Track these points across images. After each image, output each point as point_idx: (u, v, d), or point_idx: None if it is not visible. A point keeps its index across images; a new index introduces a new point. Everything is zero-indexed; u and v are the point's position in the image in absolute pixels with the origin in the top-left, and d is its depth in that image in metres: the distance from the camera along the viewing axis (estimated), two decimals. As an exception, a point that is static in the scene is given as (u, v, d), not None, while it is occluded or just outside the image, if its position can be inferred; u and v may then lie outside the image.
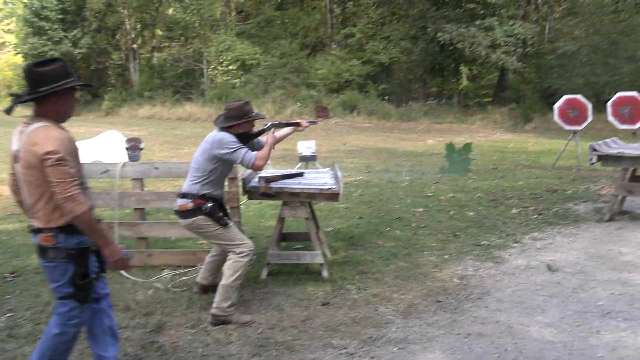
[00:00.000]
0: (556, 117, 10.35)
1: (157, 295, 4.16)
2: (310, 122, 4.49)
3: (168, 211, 6.52)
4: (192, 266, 4.70)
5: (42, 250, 2.59)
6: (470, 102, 30.32)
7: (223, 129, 3.81)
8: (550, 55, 26.66)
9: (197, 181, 3.75)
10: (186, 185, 3.80)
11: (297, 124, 4.37)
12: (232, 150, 3.70)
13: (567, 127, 10.28)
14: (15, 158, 2.57)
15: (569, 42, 24.35)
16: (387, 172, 10.48)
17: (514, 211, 6.91)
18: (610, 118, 9.82)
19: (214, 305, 3.64)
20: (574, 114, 10.02)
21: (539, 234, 5.84)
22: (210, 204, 3.72)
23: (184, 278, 4.50)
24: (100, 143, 11.05)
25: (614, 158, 6.06)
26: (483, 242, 5.52)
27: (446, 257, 5.08)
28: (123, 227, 4.79)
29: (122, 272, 4.34)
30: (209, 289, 4.04)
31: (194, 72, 29.87)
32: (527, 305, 3.93)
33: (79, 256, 2.60)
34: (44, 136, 2.46)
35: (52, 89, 2.49)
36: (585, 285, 4.25)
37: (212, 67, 28.59)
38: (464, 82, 32.21)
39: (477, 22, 24.00)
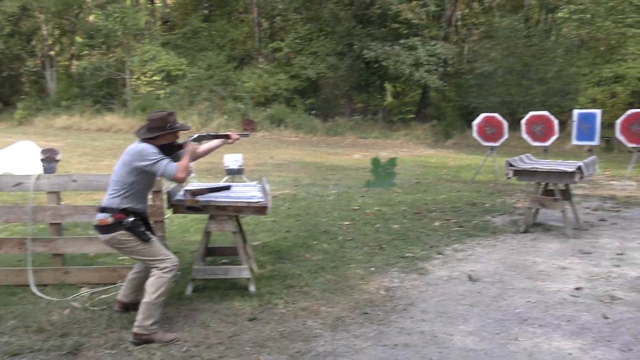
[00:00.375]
0: (475, 133, 10.82)
1: (74, 314, 3.93)
2: (240, 134, 4.43)
3: (86, 226, 6.23)
4: (112, 283, 4.49)
5: None
6: (394, 118, 31.19)
7: (145, 140, 3.66)
8: (468, 75, 27.96)
9: (117, 195, 3.59)
10: (106, 199, 3.64)
11: (227, 137, 4.30)
12: (153, 161, 3.56)
13: (485, 144, 10.77)
14: None
15: (486, 63, 25.64)
16: (314, 185, 10.54)
17: (436, 224, 7.12)
18: (524, 135, 10.39)
19: (136, 323, 3.48)
20: (491, 131, 10.52)
21: (460, 245, 6.04)
22: (131, 219, 3.58)
23: (104, 296, 4.29)
24: (13, 154, 10.42)
25: (528, 173, 6.40)
26: (408, 254, 5.64)
27: (372, 269, 5.15)
28: (37, 243, 4.52)
29: (35, 290, 4.08)
30: (131, 307, 3.86)
31: (116, 81, 28.89)
32: (450, 314, 4.03)
33: None
34: None
35: None
36: (504, 294, 4.43)
37: (135, 77, 27.74)
38: (389, 98, 33.10)
39: (401, 41, 24.80)
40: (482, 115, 10.70)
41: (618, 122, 9.42)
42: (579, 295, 4.34)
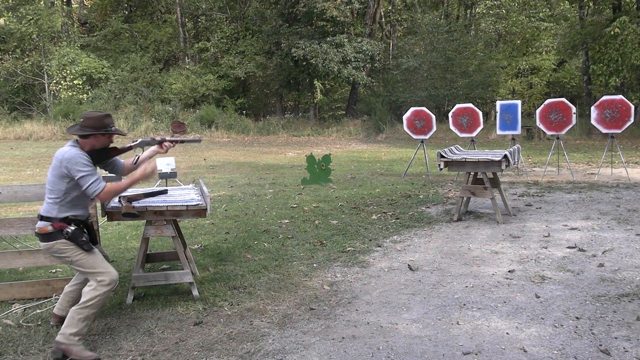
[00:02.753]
0: (405, 127, 11.10)
1: (7, 332, 3.72)
2: (188, 140, 4.25)
3: (13, 240, 5.91)
4: (47, 298, 4.29)
5: None
6: (325, 115, 31.46)
7: (78, 138, 3.51)
8: (395, 71, 28.62)
9: (54, 203, 3.42)
10: (44, 207, 3.47)
11: (160, 144, 4.15)
12: (81, 175, 3.37)
13: (416, 137, 11.08)
14: None
15: (411, 59, 26.35)
16: (250, 185, 10.47)
17: (374, 217, 7.25)
18: (452, 127, 10.77)
19: (60, 332, 3.29)
20: (420, 125, 10.83)
21: (398, 237, 6.19)
22: (72, 228, 3.42)
23: (38, 311, 4.09)
24: None
25: (458, 163, 6.65)
26: (349, 249, 5.72)
27: (315, 265, 5.18)
28: (-41, 260, 4.24)
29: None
30: None
31: (34, 87, 27.50)
32: (393, 304, 4.13)
33: None
34: None
35: None
36: (443, 281, 4.59)
37: (54, 81, 26.51)
38: (319, 96, 33.32)
39: (329, 39, 25.04)
40: (412, 109, 10.99)
41: (537, 111, 9.93)
42: (512, 278, 4.56)
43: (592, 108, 9.56)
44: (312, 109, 29.25)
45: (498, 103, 10.34)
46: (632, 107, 9.34)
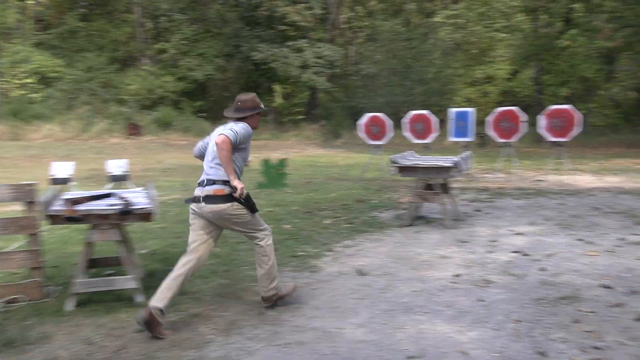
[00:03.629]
0: (361, 133, 11.19)
1: None
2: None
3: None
4: (-18, 304, 4.13)
5: None
6: (284, 119, 31.43)
7: (238, 119, 3.96)
8: (355, 77, 28.86)
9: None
10: (213, 172, 3.87)
11: None
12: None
13: (371, 142, 11.19)
14: None
15: (370, 65, 26.63)
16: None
17: (327, 222, 7.28)
18: (407, 133, 10.92)
19: (262, 290, 4.08)
20: (376, 130, 10.95)
21: (350, 241, 6.23)
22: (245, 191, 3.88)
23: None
24: None
25: (411, 169, 6.75)
26: (300, 253, 5.72)
27: (265, 270, 5.15)
28: None
29: None
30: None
31: (-18, 85, 26.50)
32: (341, 309, 4.15)
33: None
34: None
35: None
36: (391, 285, 4.63)
37: (5, 79, 25.62)
38: (278, 100, 33.29)
39: (289, 44, 25.07)
40: (367, 115, 11.10)
41: (489, 119, 10.18)
42: (458, 282, 4.65)
43: (541, 117, 9.85)
44: (272, 113, 29.18)
45: (451, 110, 10.56)
46: (579, 116, 9.67)
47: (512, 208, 7.97)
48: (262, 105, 4.13)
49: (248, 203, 3.94)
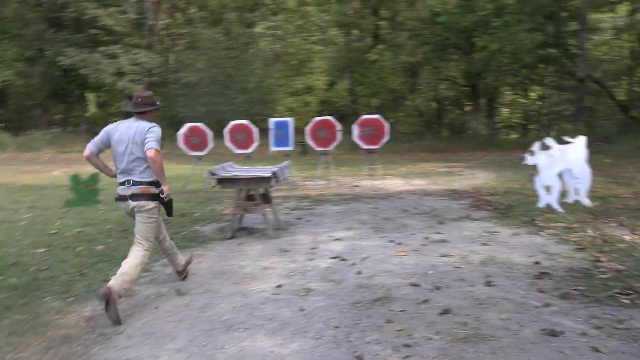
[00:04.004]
0: (181, 143, 10.81)
1: None
2: None
3: None
4: None
5: None
6: (100, 129, 29.33)
7: (138, 114, 4.52)
8: (174, 85, 28.00)
9: (145, 169, 4.42)
10: (135, 174, 4.42)
11: None
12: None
13: (191, 153, 10.86)
14: None
15: (190, 73, 26.04)
16: (1, 210, 9.15)
17: (145, 239, 6.84)
18: (228, 144, 10.80)
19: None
20: (197, 141, 10.65)
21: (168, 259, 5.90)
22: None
23: None
24: None
25: (231, 180, 6.63)
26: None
27: (71, 299, 4.64)
28: None
29: None
30: None
31: None
32: (158, 334, 3.87)
33: None
34: None
35: None
36: (212, 303, 4.46)
37: None
38: (93, 109, 31.04)
39: (101, 49, 23.46)
40: (187, 125, 10.77)
41: (307, 128, 10.50)
42: (279, 293, 4.64)
43: (355, 126, 10.43)
44: (84, 123, 27.00)
45: (271, 120, 10.69)
46: (387, 125, 10.41)
47: (331, 214, 8.28)
48: (158, 102, 4.70)
49: (169, 205, 4.62)
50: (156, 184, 4.48)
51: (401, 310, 4.07)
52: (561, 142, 8.05)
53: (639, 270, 4.72)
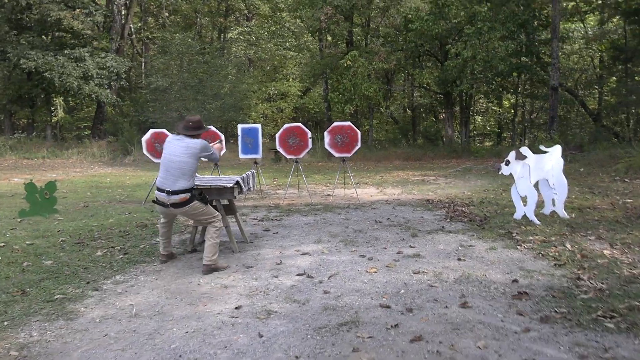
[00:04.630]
0: (145, 150, 10.33)
1: None
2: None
3: None
4: None
5: None
6: (69, 135, 28.55)
7: (192, 136, 5.42)
8: (145, 90, 27.34)
9: (190, 179, 5.31)
10: (180, 183, 5.25)
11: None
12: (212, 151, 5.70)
13: (156, 160, 10.36)
14: None
15: (160, 78, 25.42)
16: (-52, 221, 8.55)
17: (99, 253, 6.38)
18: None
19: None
20: (161, 147, 10.16)
21: (122, 276, 5.46)
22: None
23: None
24: None
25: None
26: (57, 296, 4.80)
27: (6, 323, 4.18)
28: None
29: None
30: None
31: None
32: (96, 366, 3.45)
33: None
34: None
35: None
36: (162, 328, 4.04)
37: None
38: (60, 113, 30.18)
39: (66, 52, 22.72)
40: (151, 131, 10.28)
41: (277, 135, 10.11)
42: (238, 315, 4.24)
43: (325, 133, 10.08)
44: (50, 128, 26.13)
45: (239, 126, 10.28)
46: (359, 133, 10.09)
47: (300, 226, 7.89)
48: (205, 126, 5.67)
49: (203, 198, 5.58)
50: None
51: (369, 337, 3.70)
52: (536, 151, 7.83)
53: (621, 290, 4.44)
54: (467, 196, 10.48)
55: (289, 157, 10.20)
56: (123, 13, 28.76)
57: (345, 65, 21.71)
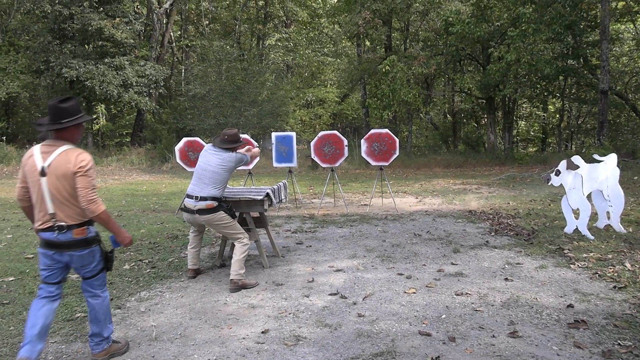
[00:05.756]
0: (178, 159, 10.18)
1: None
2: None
3: None
4: None
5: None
6: (109, 142, 29.01)
7: (227, 149, 5.43)
8: (183, 97, 27.54)
9: (219, 188, 5.27)
10: (208, 191, 5.21)
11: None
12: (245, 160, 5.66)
13: (190, 169, 10.20)
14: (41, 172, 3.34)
15: (198, 85, 25.52)
16: (-17, 230, 8.57)
17: (126, 267, 6.18)
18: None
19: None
20: (195, 156, 10.00)
21: (147, 292, 5.22)
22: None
23: None
24: None
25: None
26: (78, 315, 4.59)
27: (21, 344, 3.96)
28: None
29: None
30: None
31: None
32: (109, 398, 3.17)
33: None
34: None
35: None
36: (182, 354, 3.75)
37: None
38: (102, 121, 30.72)
39: (107, 60, 23.06)
40: (184, 140, 10.12)
41: (312, 144, 9.80)
42: (264, 341, 3.91)
43: (362, 141, 9.71)
44: (91, 136, 26.57)
45: (273, 135, 10.01)
46: (397, 140, 9.69)
47: (335, 239, 7.52)
48: (241, 139, 5.64)
49: (231, 211, 5.38)
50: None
51: (407, 372, 3.32)
52: (589, 160, 7.27)
53: (696, 319, 3.93)
54: (512, 207, 9.92)
55: (324, 166, 9.87)
56: (164, 22, 29.08)
57: (383, 70, 21.28)
